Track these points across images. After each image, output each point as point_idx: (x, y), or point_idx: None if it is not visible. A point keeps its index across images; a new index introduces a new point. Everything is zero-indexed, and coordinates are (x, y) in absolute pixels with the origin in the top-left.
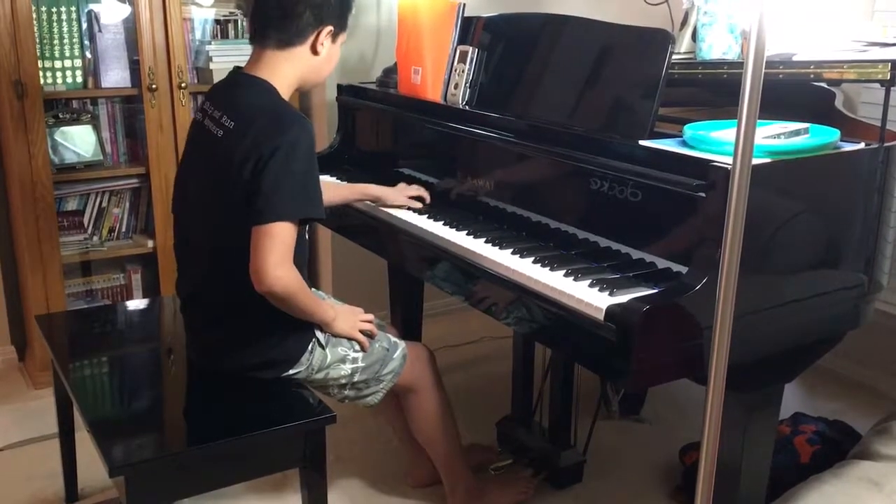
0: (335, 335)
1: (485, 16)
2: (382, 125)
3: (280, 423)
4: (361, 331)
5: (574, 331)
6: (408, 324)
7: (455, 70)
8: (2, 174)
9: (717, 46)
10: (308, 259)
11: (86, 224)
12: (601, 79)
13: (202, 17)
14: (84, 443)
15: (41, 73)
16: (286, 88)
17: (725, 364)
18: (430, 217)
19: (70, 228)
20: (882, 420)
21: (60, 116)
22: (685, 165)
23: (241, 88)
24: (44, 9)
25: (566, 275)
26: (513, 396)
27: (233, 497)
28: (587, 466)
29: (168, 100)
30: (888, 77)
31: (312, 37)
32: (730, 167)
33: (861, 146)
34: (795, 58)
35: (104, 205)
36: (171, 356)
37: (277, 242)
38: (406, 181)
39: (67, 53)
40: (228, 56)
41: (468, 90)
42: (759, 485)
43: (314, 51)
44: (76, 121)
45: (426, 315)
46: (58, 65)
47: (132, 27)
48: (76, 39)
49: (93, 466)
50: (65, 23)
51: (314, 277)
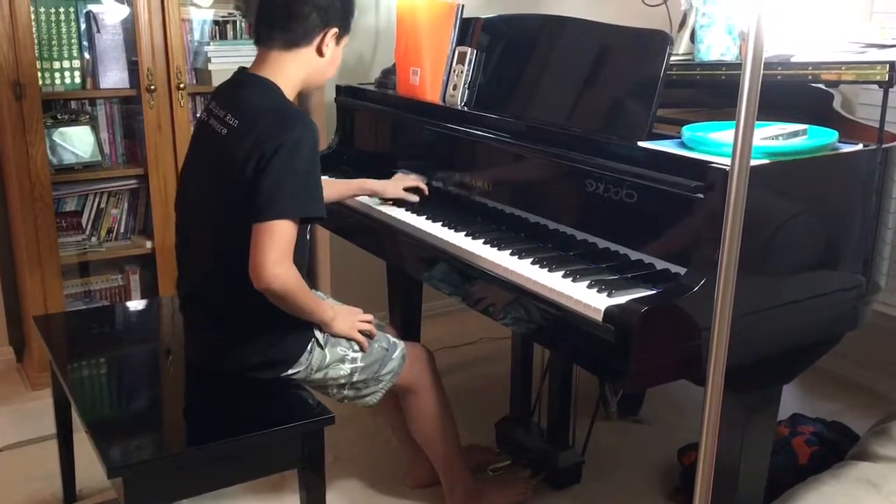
0: (334, 335)
1: (483, 17)
2: (381, 126)
3: (278, 424)
4: (360, 331)
5: (572, 332)
6: (407, 324)
7: (453, 71)
8: (0, 175)
9: (716, 48)
10: (308, 261)
11: (84, 225)
12: (599, 80)
13: (201, 18)
14: (82, 444)
15: (40, 74)
16: (290, 89)
17: (724, 365)
18: (429, 218)
19: (68, 229)
20: (880, 421)
21: (59, 117)
22: (683, 166)
23: (246, 88)
24: (42, 10)
25: (565, 276)
26: (511, 397)
27: (231, 498)
28: (586, 467)
29: (166, 101)
30: (886, 78)
31: (318, 38)
32: (728, 168)
33: (859, 147)
34: (794, 59)
35: (102, 205)
36: (170, 357)
37: (277, 240)
38: (424, 189)
39: (66, 54)
40: (227, 57)
41: (467, 91)
42: (758, 486)
43: (319, 52)
44: (75, 121)
45: (425, 316)
46: (56, 65)
47: (131, 28)
48: (75, 40)
49: (91, 467)
50: (63, 24)
51: (313, 278)
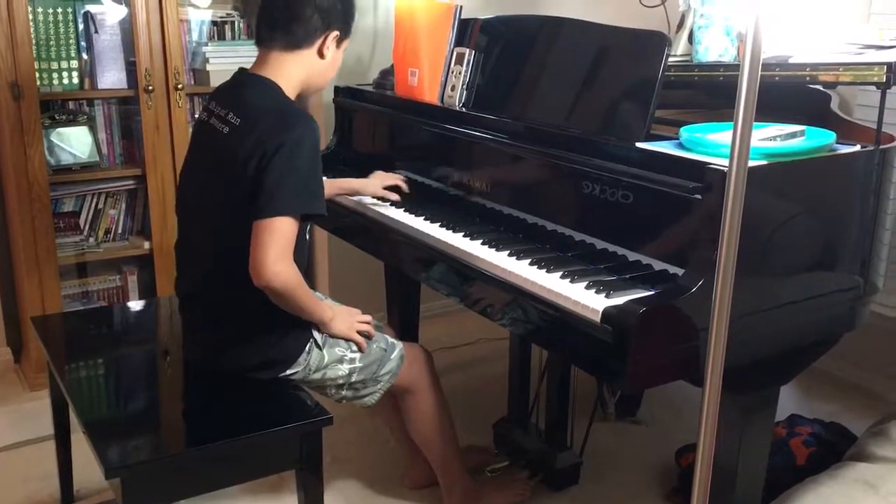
0: (332, 336)
1: (482, 18)
2: (379, 127)
3: (277, 425)
4: (359, 332)
5: (570, 332)
6: (405, 325)
7: (452, 72)
8: None
9: (714, 49)
10: (307, 261)
11: (82, 225)
12: (598, 81)
13: (199, 19)
14: (80, 444)
15: (38, 75)
16: (291, 90)
17: (722, 366)
18: (427, 219)
19: (66, 230)
20: (878, 422)
21: (57, 118)
22: (681, 167)
23: (248, 87)
24: (40, 10)
25: (563, 276)
26: (509, 398)
27: (229, 498)
28: (584, 468)
29: (164, 101)
30: (884, 79)
31: (319, 41)
32: (726, 169)
33: (857, 148)
34: (791, 60)
35: (100, 206)
36: (168, 357)
37: (278, 237)
38: (404, 187)
39: (64, 55)
40: (225, 57)
41: (465, 92)
42: (756, 487)
43: (320, 55)
44: (73, 122)
45: (423, 317)
46: (54, 66)
47: (129, 28)
48: (73, 41)
49: (89, 468)
50: (61, 24)
51: (311, 279)
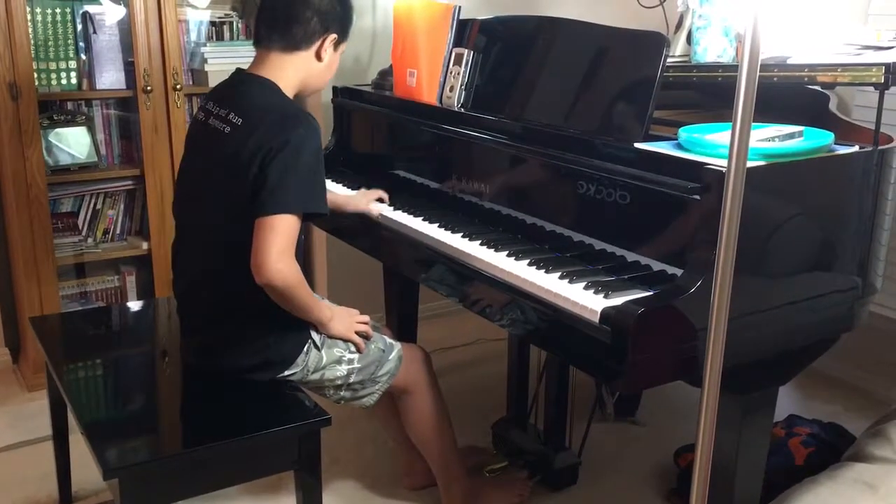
0: (331, 336)
1: (480, 18)
2: (378, 127)
3: (275, 426)
4: (357, 332)
5: (569, 333)
6: (403, 326)
7: (450, 72)
8: None
9: (712, 49)
10: (302, 261)
11: (80, 226)
12: (596, 81)
13: (197, 19)
14: (78, 445)
15: (36, 75)
16: (289, 90)
17: (720, 366)
18: (426, 219)
19: (64, 230)
20: (876, 422)
21: (55, 118)
22: (680, 168)
23: (247, 87)
24: (38, 10)
25: (561, 277)
26: (508, 398)
27: (228, 499)
28: (582, 468)
29: (163, 101)
30: (882, 80)
31: (318, 43)
32: (724, 170)
33: (855, 149)
34: (790, 61)
35: (99, 206)
36: (166, 358)
37: (280, 235)
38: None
39: (62, 55)
40: (224, 58)
41: (463, 93)
42: (754, 487)
43: (318, 57)
44: (71, 122)
45: (421, 317)
46: (53, 66)
47: (127, 29)
48: (71, 41)
49: (87, 469)
50: (60, 24)
51: (309, 280)
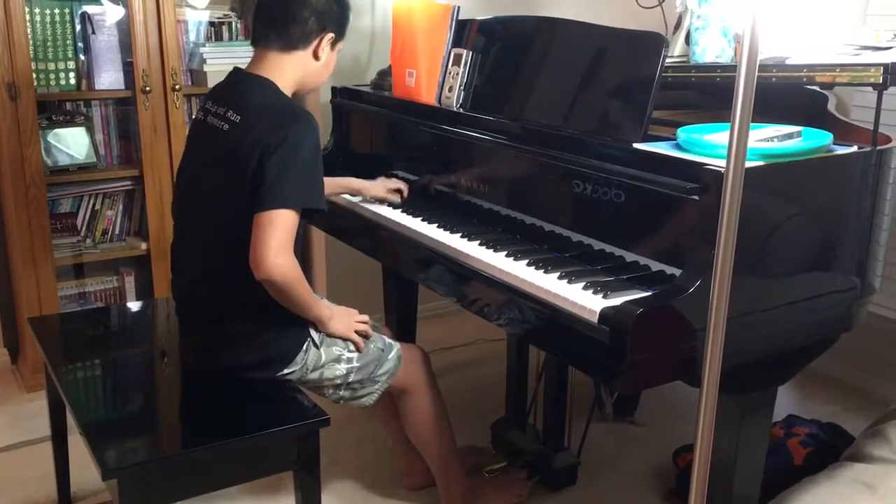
0: (330, 335)
1: (479, 19)
2: (377, 128)
3: (274, 426)
4: (357, 332)
5: (568, 333)
6: (402, 326)
7: (449, 73)
8: None
9: (711, 50)
10: (301, 261)
11: (79, 226)
12: (595, 82)
13: (196, 19)
14: (77, 446)
15: (35, 75)
16: (286, 89)
17: (719, 366)
18: (425, 220)
19: (63, 231)
20: (875, 422)
21: (54, 118)
22: (679, 168)
23: (245, 85)
24: (37, 10)
25: (560, 277)
26: (507, 399)
27: (227, 499)
28: (581, 469)
29: (162, 102)
30: (880, 80)
31: (315, 42)
32: (723, 170)
33: (854, 149)
34: (788, 61)
35: (97, 207)
36: (165, 358)
37: (279, 229)
38: (404, 192)
39: (61, 56)
40: (222, 58)
41: (462, 93)
42: (753, 487)
43: (315, 56)
44: (70, 123)
45: (420, 318)
46: (51, 67)
47: (126, 29)
48: (70, 42)
49: (85, 469)
50: (59, 25)
51: (308, 280)
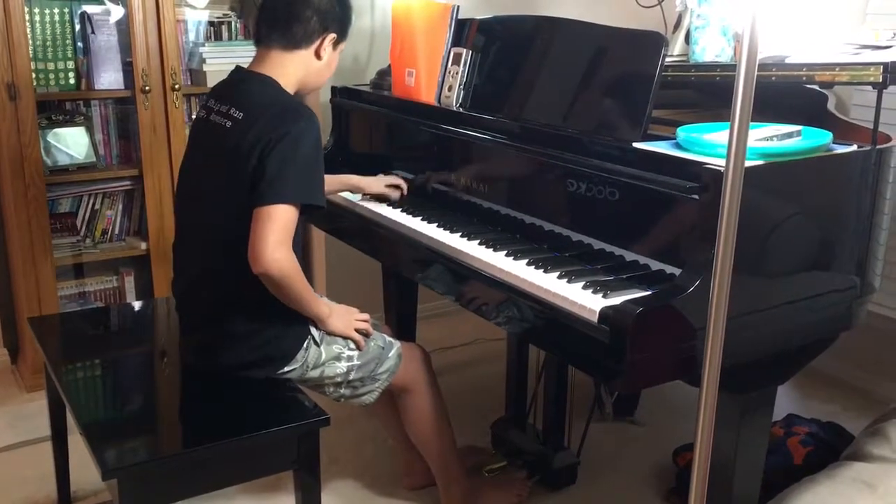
0: (330, 333)
1: (479, 18)
2: (376, 127)
3: (274, 425)
4: (357, 330)
5: (568, 332)
6: (402, 325)
7: (449, 72)
8: None
9: (711, 49)
10: (300, 260)
11: (79, 226)
12: (595, 81)
13: (196, 19)
14: (77, 445)
15: (34, 75)
16: (289, 88)
17: (718, 366)
18: (424, 219)
19: (63, 230)
20: (875, 421)
21: (54, 118)
22: (678, 167)
23: (247, 83)
24: (37, 10)
25: (560, 277)
26: (507, 398)
27: (226, 499)
28: (581, 468)
29: (161, 102)
30: (880, 80)
31: (317, 42)
32: (723, 169)
33: (853, 148)
34: (788, 60)
35: (97, 207)
36: (165, 358)
37: (278, 224)
38: (404, 189)
39: (61, 55)
40: (222, 57)
41: (462, 92)
42: (753, 486)
43: (317, 55)
44: (69, 123)
45: (420, 317)
46: (51, 67)
47: (125, 29)
48: (69, 41)
49: (85, 469)
50: (58, 25)
51: (308, 279)
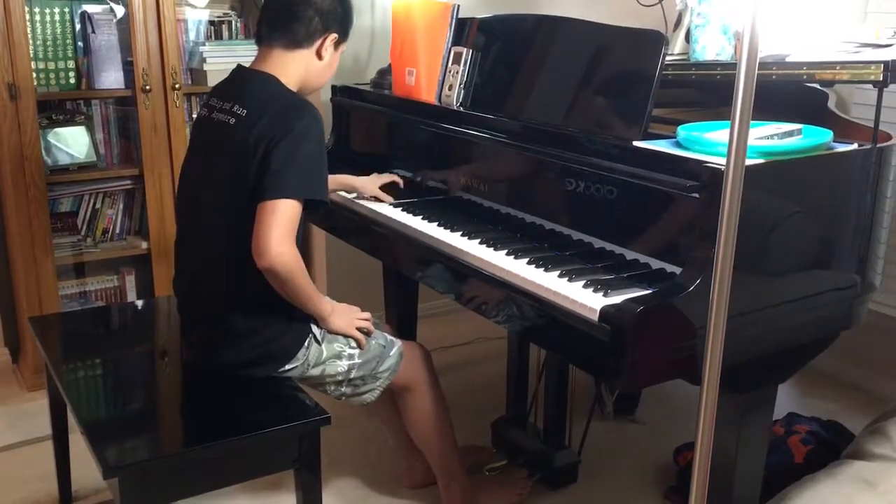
0: (331, 331)
1: (479, 17)
2: (377, 126)
3: (275, 424)
4: (358, 328)
5: (568, 331)
6: (403, 324)
7: (449, 71)
8: None
9: (711, 48)
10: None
11: (79, 225)
12: (595, 80)
13: (196, 19)
14: (78, 445)
15: (35, 75)
16: (290, 86)
17: (719, 364)
18: (425, 218)
19: (63, 230)
20: (875, 420)
21: (54, 118)
22: (679, 166)
23: (249, 81)
24: (37, 10)
25: (560, 275)
26: (508, 397)
27: (227, 498)
28: (582, 467)
29: (162, 101)
30: (880, 78)
31: (319, 42)
32: (723, 168)
33: (854, 147)
34: (789, 59)
35: (98, 206)
36: (166, 357)
37: (282, 219)
38: (399, 183)
39: (61, 55)
40: (222, 57)
41: (462, 91)
42: (753, 485)
43: (319, 55)
44: (70, 122)
45: (421, 316)
46: (52, 66)
47: (126, 28)
48: (70, 41)
49: (86, 468)
50: (58, 24)
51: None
